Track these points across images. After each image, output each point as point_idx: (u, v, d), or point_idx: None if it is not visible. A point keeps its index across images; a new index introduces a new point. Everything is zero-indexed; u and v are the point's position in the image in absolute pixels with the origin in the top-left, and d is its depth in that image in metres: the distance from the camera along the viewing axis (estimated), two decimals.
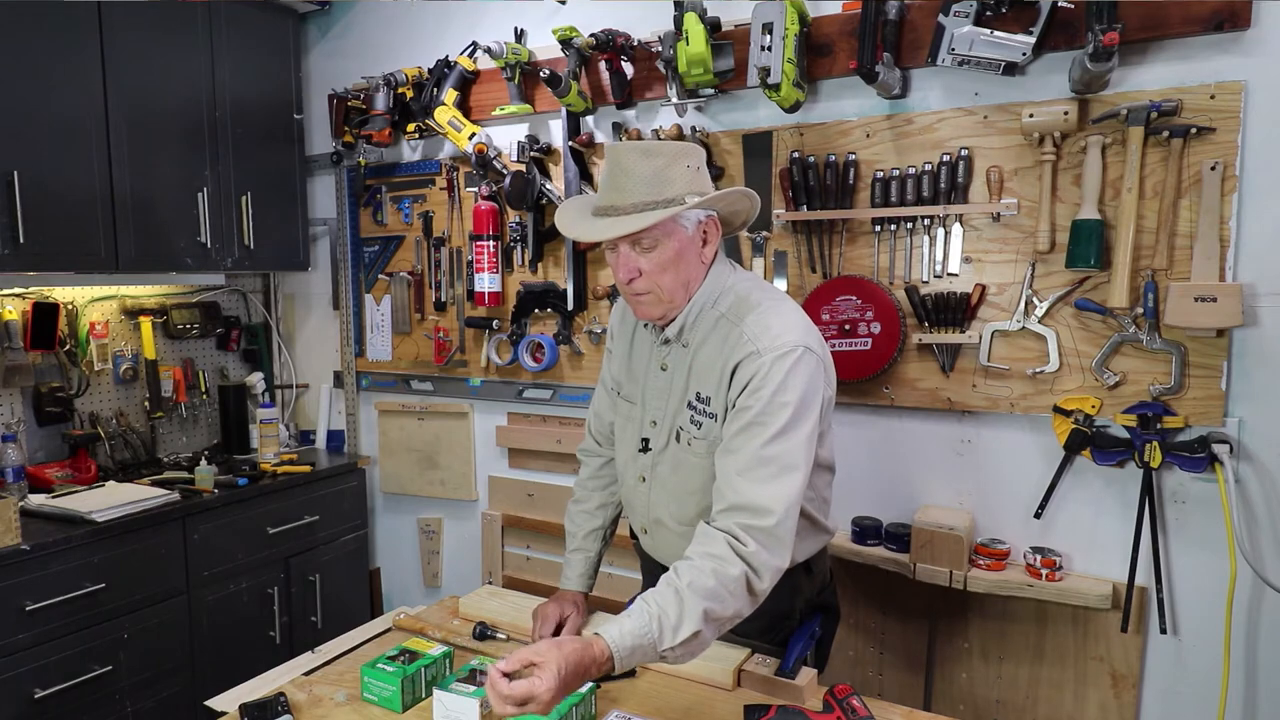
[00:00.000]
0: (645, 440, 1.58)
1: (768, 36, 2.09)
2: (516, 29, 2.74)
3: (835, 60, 2.20)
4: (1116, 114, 1.89)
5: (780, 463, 1.33)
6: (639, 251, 1.42)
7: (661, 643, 1.22)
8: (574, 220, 1.48)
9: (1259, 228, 1.84)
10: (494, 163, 2.71)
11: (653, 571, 1.80)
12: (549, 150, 2.71)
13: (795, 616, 1.62)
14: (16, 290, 2.61)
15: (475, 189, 2.83)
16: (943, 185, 2.13)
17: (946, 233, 2.15)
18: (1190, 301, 1.84)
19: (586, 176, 2.65)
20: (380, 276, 3.15)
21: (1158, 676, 2.04)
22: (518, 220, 2.79)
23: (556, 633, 1.63)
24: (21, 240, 2.28)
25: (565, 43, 2.45)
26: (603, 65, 2.52)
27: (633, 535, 1.82)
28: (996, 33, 1.94)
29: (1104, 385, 2.01)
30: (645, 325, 1.59)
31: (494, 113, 2.74)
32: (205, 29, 2.78)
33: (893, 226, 2.21)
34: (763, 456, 1.33)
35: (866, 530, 2.26)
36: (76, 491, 2.50)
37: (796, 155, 2.29)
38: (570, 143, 2.61)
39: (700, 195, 1.41)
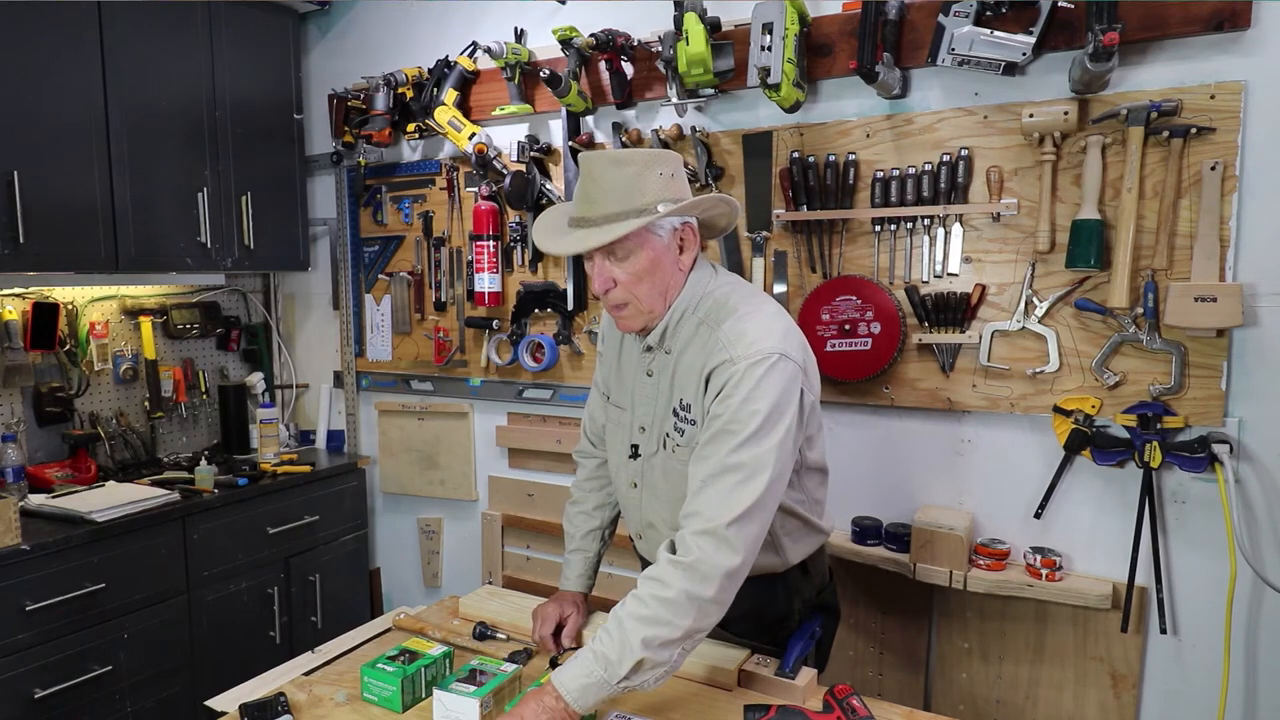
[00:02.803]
0: (635, 446, 1.57)
1: (768, 36, 2.09)
2: (516, 29, 2.74)
3: (835, 60, 2.20)
4: (1116, 114, 1.89)
5: (747, 469, 1.31)
6: (613, 262, 1.41)
7: (611, 677, 1.25)
8: (548, 232, 1.48)
9: (1259, 228, 1.84)
10: (494, 163, 2.71)
11: None
12: (549, 150, 2.71)
13: (794, 618, 1.63)
14: (16, 290, 2.61)
15: (475, 189, 2.83)
16: (943, 185, 2.13)
17: (946, 233, 2.15)
18: (1190, 301, 1.84)
19: None
20: (380, 276, 3.15)
21: (1158, 676, 2.04)
22: (518, 220, 2.79)
23: (556, 633, 1.63)
24: (21, 240, 2.28)
25: (565, 43, 2.45)
26: (603, 65, 2.52)
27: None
28: (996, 33, 1.94)
29: (1104, 385, 2.01)
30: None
31: (494, 113, 2.74)
32: (205, 29, 2.78)
33: (893, 226, 2.21)
34: (729, 464, 1.32)
35: (866, 530, 2.26)
36: (76, 491, 2.50)
37: (796, 155, 2.29)
38: (570, 143, 2.61)
39: (674, 202, 1.39)
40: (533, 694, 1.28)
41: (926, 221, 2.17)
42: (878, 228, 2.22)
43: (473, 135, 2.71)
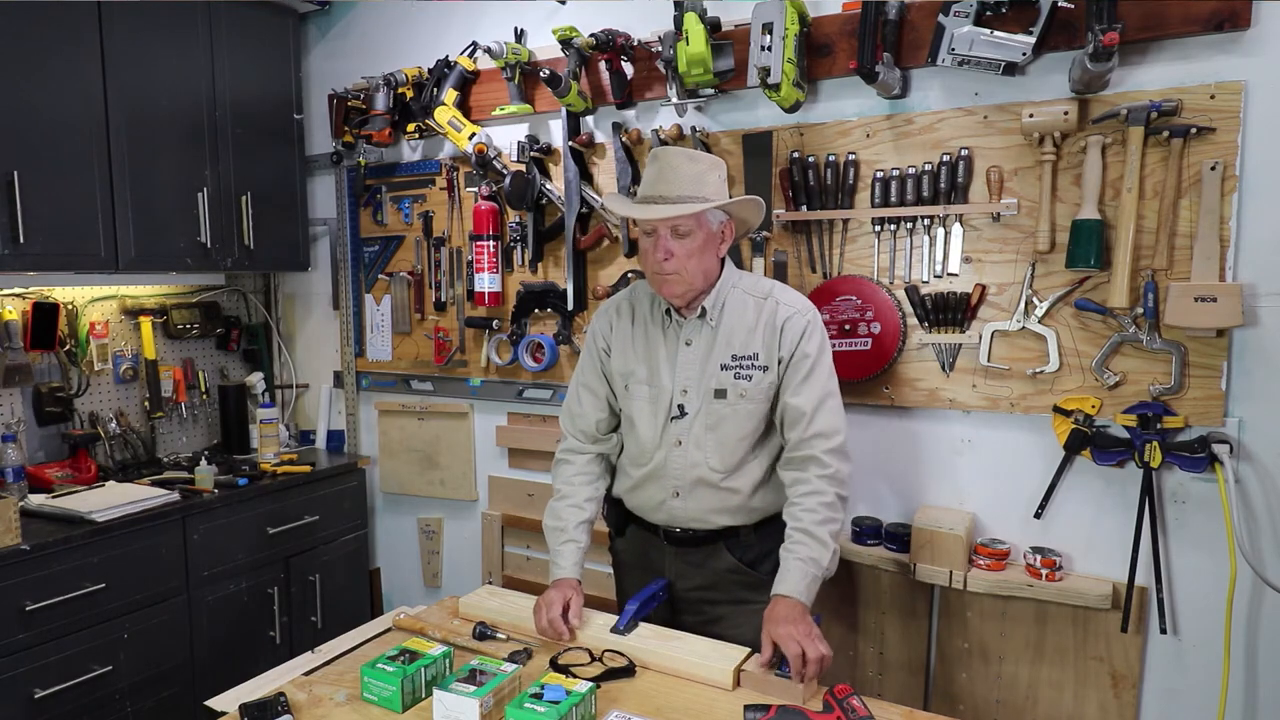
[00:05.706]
0: (680, 407, 1.78)
1: (768, 36, 2.09)
2: (516, 29, 2.74)
3: (835, 60, 2.20)
4: (1116, 114, 1.89)
5: (836, 394, 1.76)
6: (675, 237, 1.68)
7: (820, 570, 1.65)
8: (625, 204, 1.85)
9: (1259, 228, 1.84)
10: (494, 163, 2.71)
11: (636, 566, 1.91)
12: (549, 150, 2.71)
13: None
14: (16, 290, 2.61)
15: (475, 189, 2.83)
16: (943, 185, 2.13)
17: (946, 233, 2.15)
18: (1190, 301, 1.84)
19: (586, 177, 2.65)
20: (380, 276, 3.15)
21: (1158, 676, 2.04)
22: (518, 220, 2.79)
23: (564, 615, 1.67)
24: (21, 240, 2.28)
25: (565, 43, 2.45)
26: (603, 65, 2.52)
27: (631, 523, 1.88)
28: (996, 33, 1.94)
29: (1104, 385, 2.01)
30: (666, 311, 1.80)
31: (494, 113, 2.74)
32: (205, 29, 2.78)
33: (893, 226, 2.21)
34: (829, 389, 1.74)
35: (866, 530, 2.26)
36: (76, 491, 2.50)
37: (796, 155, 2.29)
38: (570, 143, 2.61)
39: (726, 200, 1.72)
40: (783, 615, 1.54)
41: (926, 221, 2.17)
42: (878, 228, 2.22)
43: (473, 135, 2.71)
